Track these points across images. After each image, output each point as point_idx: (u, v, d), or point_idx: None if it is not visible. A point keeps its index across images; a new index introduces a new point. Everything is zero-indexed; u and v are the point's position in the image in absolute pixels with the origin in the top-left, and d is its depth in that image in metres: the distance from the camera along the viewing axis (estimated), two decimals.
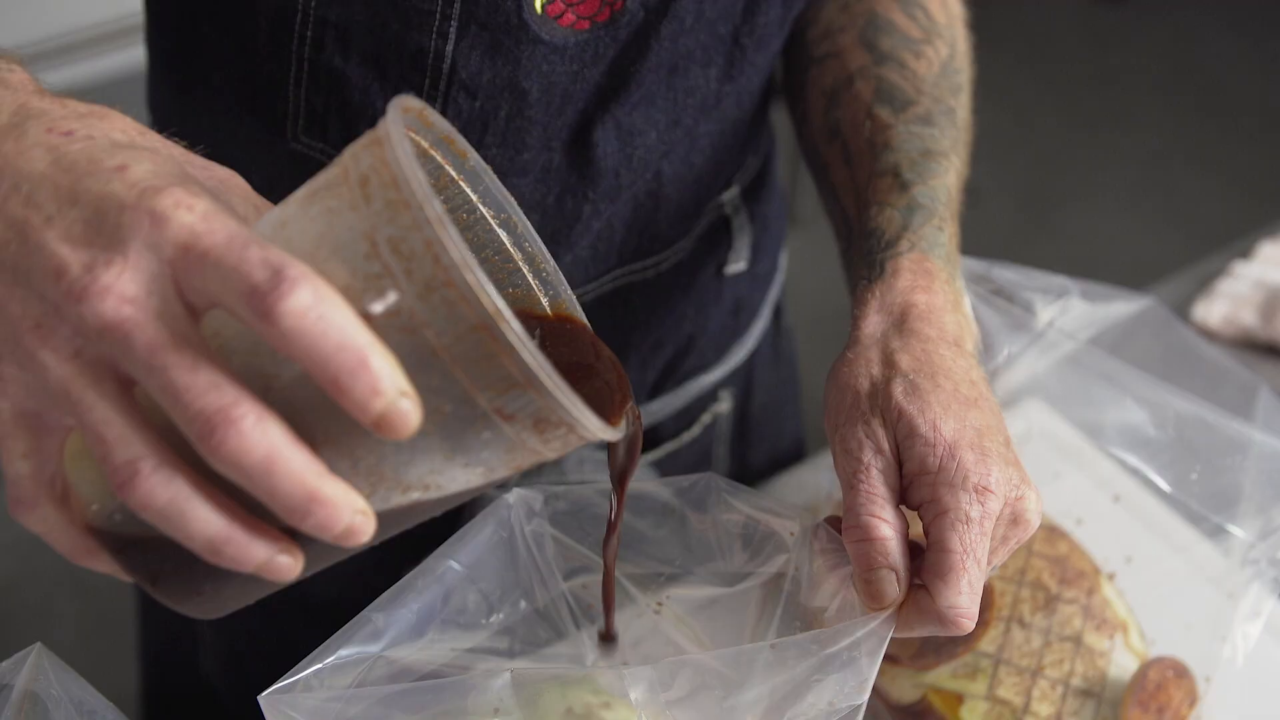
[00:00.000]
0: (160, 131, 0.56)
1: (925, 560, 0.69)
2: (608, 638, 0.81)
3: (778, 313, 1.15)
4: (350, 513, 0.48)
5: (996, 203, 3.16)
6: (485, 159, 0.84)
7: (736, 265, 1.02)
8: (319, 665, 0.67)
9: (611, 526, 0.73)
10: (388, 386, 0.46)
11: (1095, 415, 0.89)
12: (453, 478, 0.52)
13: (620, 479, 0.71)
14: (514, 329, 0.47)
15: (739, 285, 1.04)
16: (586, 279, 0.92)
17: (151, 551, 0.52)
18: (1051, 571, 0.91)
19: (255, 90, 0.85)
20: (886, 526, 0.69)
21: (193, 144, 0.57)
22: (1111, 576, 0.94)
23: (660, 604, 0.82)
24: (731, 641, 0.79)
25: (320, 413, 0.48)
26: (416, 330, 0.48)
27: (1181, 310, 1.24)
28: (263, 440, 0.46)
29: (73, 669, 0.64)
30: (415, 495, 0.52)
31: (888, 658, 0.89)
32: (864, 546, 0.69)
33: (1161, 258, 2.79)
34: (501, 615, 0.79)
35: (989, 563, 0.70)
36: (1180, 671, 0.88)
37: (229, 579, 0.53)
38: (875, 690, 0.90)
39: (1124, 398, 0.88)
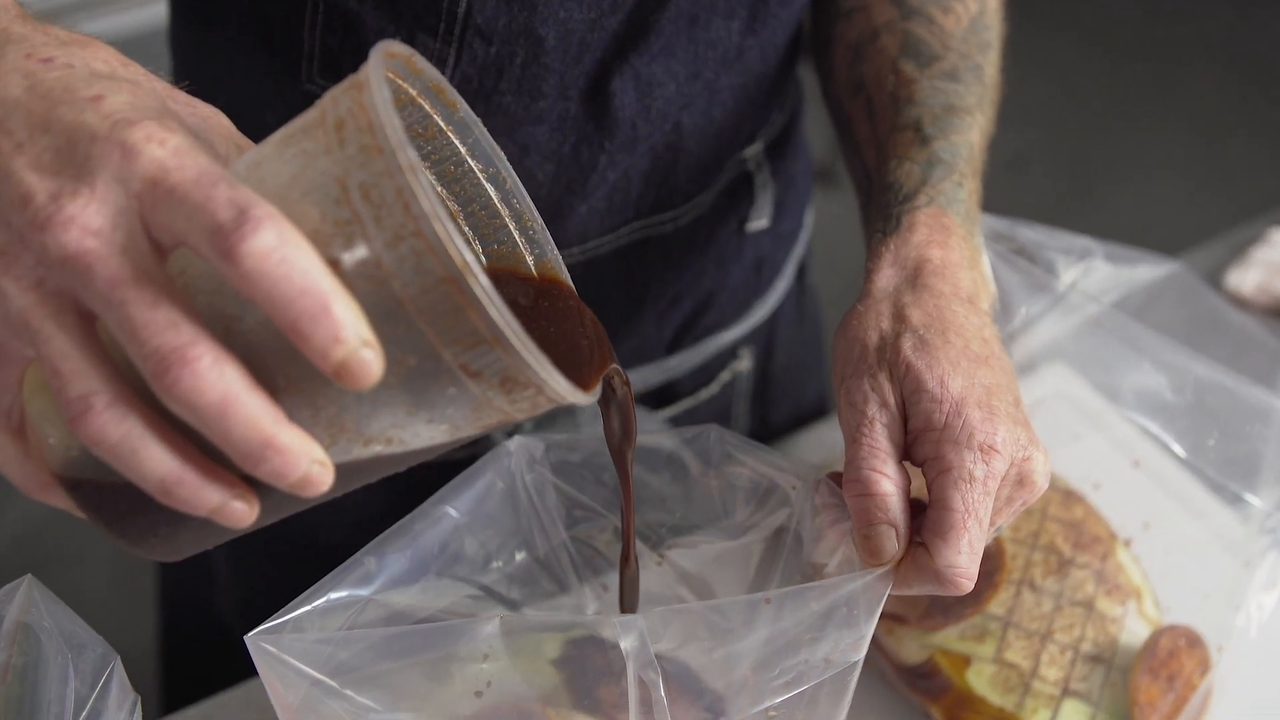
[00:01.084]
0: (180, 72, 0.55)
1: (926, 518, 0.68)
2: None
3: (802, 271, 1.13)
4: (307, 462, 0.47)
5: (1043, 170, 3.12)
6: (500, 106, 0.83)
7: (759, 222, 1.01)
8: (308, 607, 0.67)
9: (625, 509, 0.72)
10: (349, 335, 0.45)
11: (1113, 378, 0.87)
12: (416, 433, 0.51)
13: (618, 453, 0.70)
14: (482, 284, 0.46)
15: (761, 243, 1.03)
16: (602, 231, 0.91)
17: (107, 490, 0.52)
18: (1065, 536, 0.89)
19: (272, 31, 0.84)
20: (888, 482, 0.68)
21: (210, 84, 0.56)
22: (1128, 543, 0.93)
23: (662, 557, 0.81)
24: (732, 595, 0.78)
25: (281, 359, 0.48)
26: (383, 280, 0.47)
27: (1214, 278, 1.22)
28: (218, 382, 0.45)
29: (63, 601, 0.64)
30: (377, 448, 0.51)
31: (895, 618, 0.88)
32: (864, 501, 0.68)
33: (1210, 228, 2.75)
34: (500, 564, 0.78)
35: (992, 524, 0.69)
36: (1193, 640, 0.86)
37: (184, 522, 0.53)
38: (882, 651, 0.89)
39: (1142, 361, 0.86)
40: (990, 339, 0.72)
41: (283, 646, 0.64)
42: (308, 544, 0.92)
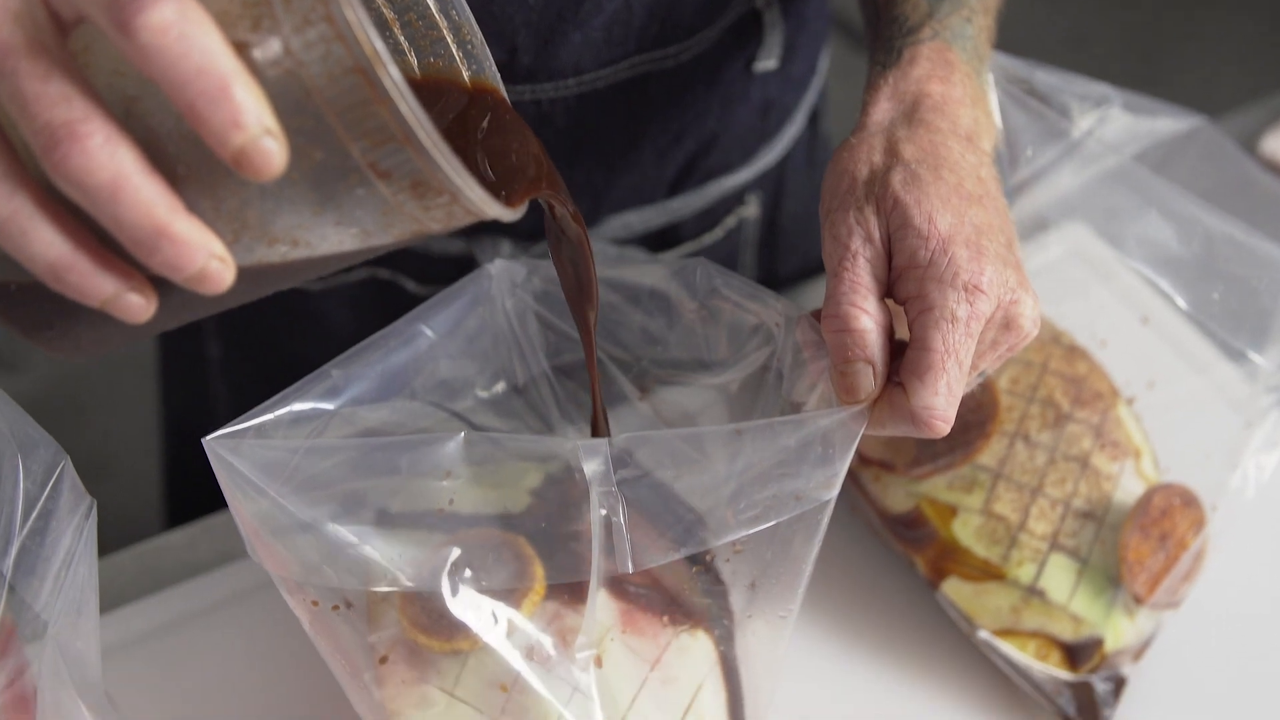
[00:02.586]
0: None
1: (905, 357, 0.66)
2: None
3: (814, 119, 1.10)
4: (205, 255, 0.46)
5: (1104, 49, 3.04)
6: None
7: (766, 63, 0.98)
8: (269, 415, 0.66)
9: (589, 368, 0.71)
10: (250, 120, 0.43)
11: (1118, 226, 0.84)
12: (324, 236, 0.49)
13: (573, 302, 0.67)
14: (391, 75, 0.44)
15: (769, 85, 1.00)
16: (599, 63, 0.88)
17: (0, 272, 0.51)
18: (1065, 390, 0.87)
19: None
20: (866, 318, 0.65)
21: None
22: (1131, 401, 0.90)
23: (643, 391, 0.80)
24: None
25: (182, 145, 0.46)
26: (291, 68, 0.45)
27: (1249, 143, 1.18)
28: (109, 162, 0.44)
29: (15, 401, 0.63)
30: (283, 249, 0.49)
31: (883, 465, 0.87)
32: (841, 337, 0.66)
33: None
34: (477, 392, 0.77)
35: (975, 368, 0.67)
36: (1188, 500, 0.84)
37: (77, 316, 0.51)
38: (869, 500, 0.88)
39: (1149, 209, 0.82)
40: (986, 179, 0.69)
41: (241, 453, 0.63)
42: (305, 371, 0.91)
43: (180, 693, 0.84)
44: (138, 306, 0.48)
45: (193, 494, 1.24)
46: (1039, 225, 0.89)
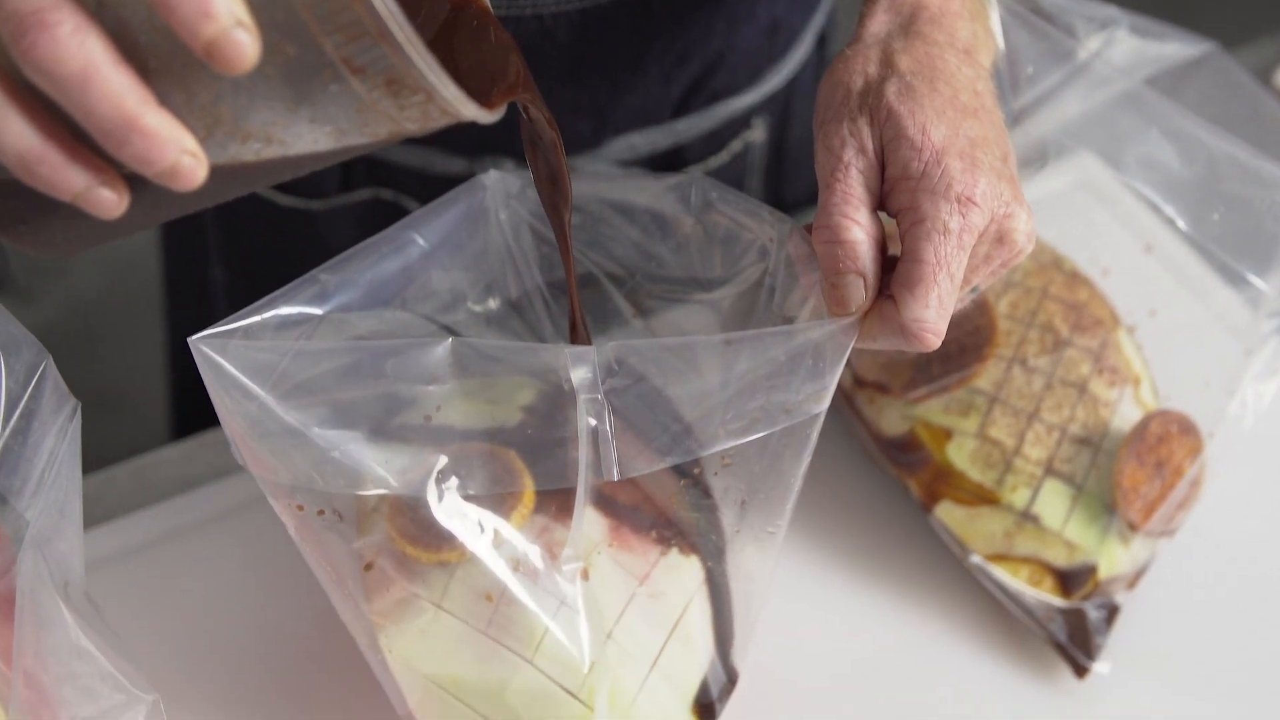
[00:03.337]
0: None
1: (896, 270, 0.65)
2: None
3: (823, 42, 1.09)
4: (176, 150, 0.45)
5: None
6: None
7: None
8: (256, 318, 0.66)
9: (565, 266, 0.70)
10: (221, 12, 0.43)
11: (1117, 146, 0.83)
12: (298, 134, 0.49)
13: (550, 207, 0.67)
14: None
15: (776, 4, 0.99)
16: None
17: None
18: (1065, 316, 0.86)
19: None
20: (858, 229, 0.65)
21: None
22: (1132, 329, 0.90)
23: (637, 308, 0.79)
24: None
25: (154, 37, 0.45)
26: None
27: (1265, 75, 1.16)
28: (79, 51, 0.43)
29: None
30: (256, 147, 0.49)
31: (878, 388, 0.86)
32: (832, 249, 0.65)
33: None
34: (469, 303, 0.77)
35: (968, 282, 0.66)
36: (1185, 427, 0.84)
37: (51, 212, 0.51)
38: (864, 422, 0.88)
39: (1150, 129, 0.81)
40: (983, 92, 0.69)
41: (228, 354, 0.63)
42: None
43: (173, 604, 0.85)
44: (109, 202, 0.48)
45: (198, 417, 1.24)
46: (1044, 152, 0.88)
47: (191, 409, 1.26)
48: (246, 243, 1.09)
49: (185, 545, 0.87)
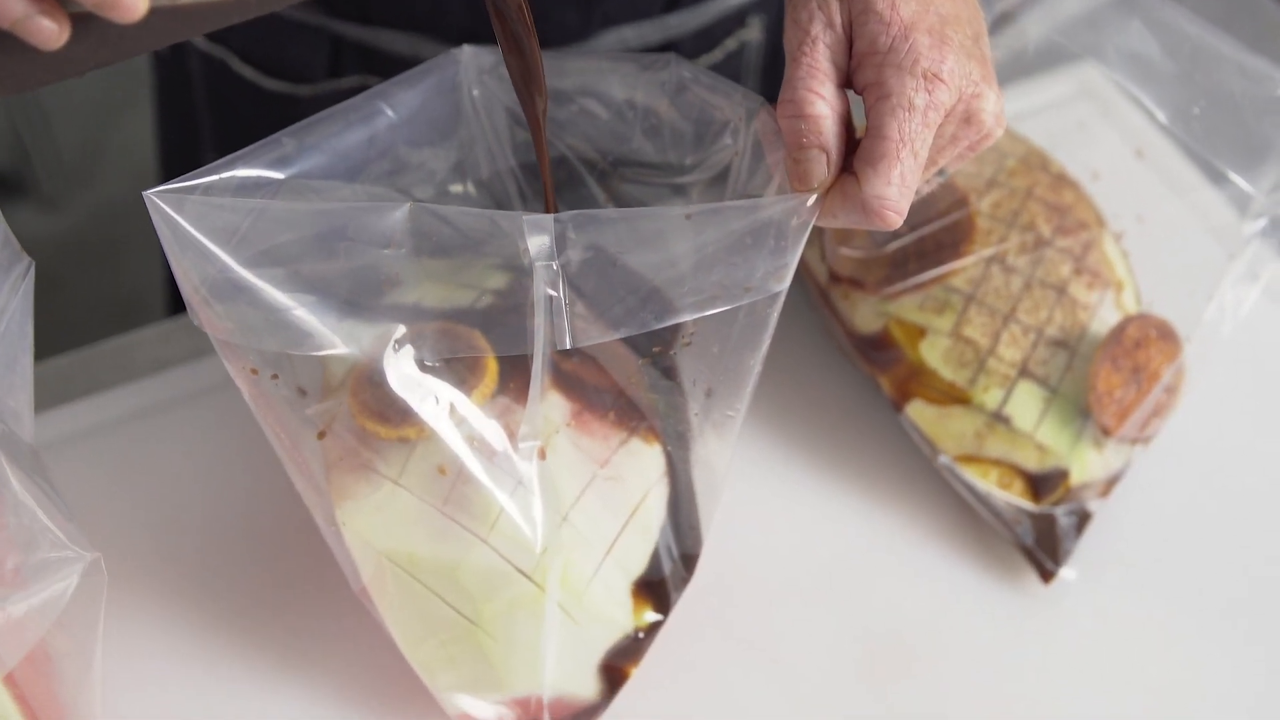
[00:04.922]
0: None
1: (860, 145, 0.64)
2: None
3: None
4: None
5: None
6: None
7: None
8: (214, 176, 0.64)
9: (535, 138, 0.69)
10: None
11: (1097, 36, 0.81)
12: None
13: (521, 92, 0.65)
14: None
15: None
16: None
17: None
18: (1048, 218, 0.85)
19: None
20: (822, 104, 0.64)
21: None
22: (1119, 235, 0.88)
23: (609, 193, 0.78)
24: None
25: None
26: None
27: None
28: None
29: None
30: None
31: (853, 283, 0.85)
32: (795, 123, 0.64)
33: None
34: (437, 180, 0.76)
35: (934, 163, 0.65)
36: (1164, 332, 0.83)
37: None
38: (838, 319, 0.87)
39: (1132, 19, 0.79)
40: None
41: (185, 211, 0.62)
42: None
43: (139, 478, 0.85)
44: (49, 31, 0.48)
45: None
46: (1025, 43, 0.86)
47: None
48: (235, 126, 1.09)
49: (156, 423, 0.87)
